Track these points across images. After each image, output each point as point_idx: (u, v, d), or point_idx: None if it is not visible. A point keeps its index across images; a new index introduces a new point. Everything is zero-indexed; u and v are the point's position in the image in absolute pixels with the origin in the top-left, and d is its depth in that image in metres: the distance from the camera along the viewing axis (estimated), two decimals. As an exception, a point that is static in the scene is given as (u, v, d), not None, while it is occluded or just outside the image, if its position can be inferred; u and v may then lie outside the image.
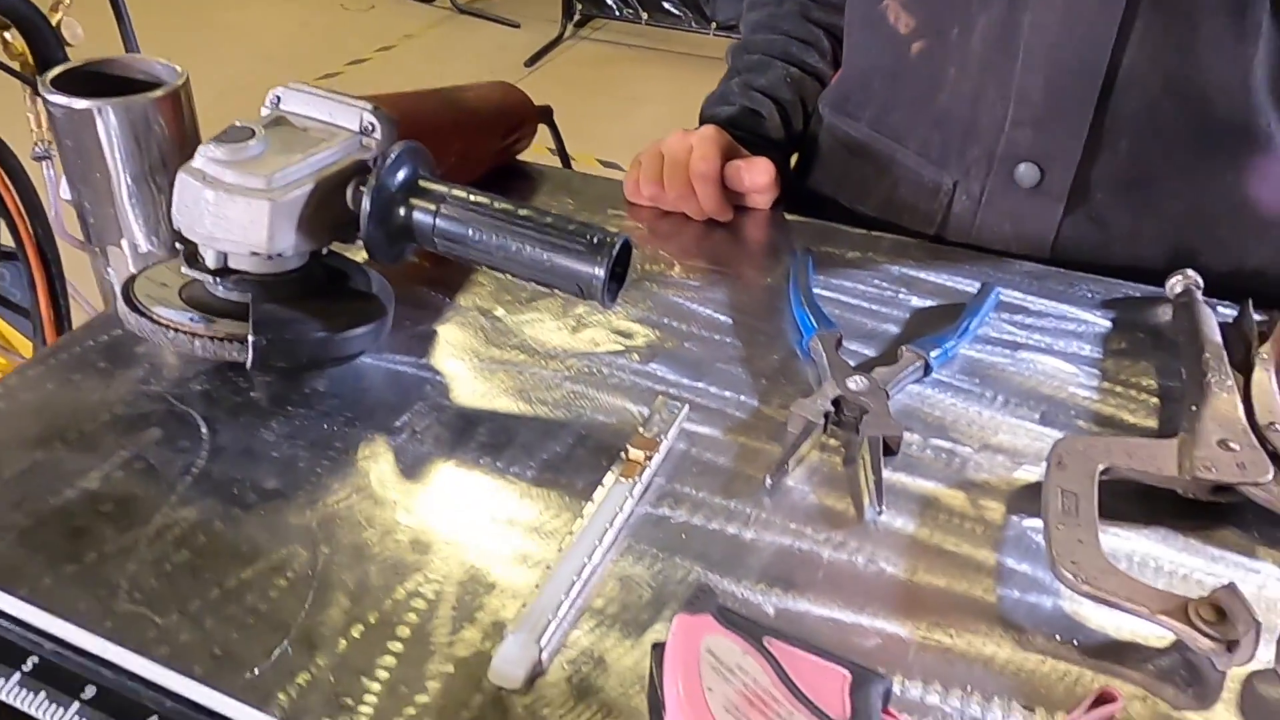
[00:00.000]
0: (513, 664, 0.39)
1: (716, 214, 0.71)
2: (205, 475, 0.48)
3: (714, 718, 0.33)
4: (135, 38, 1.31)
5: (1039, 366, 0.58)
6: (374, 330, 0.54)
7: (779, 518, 0.47)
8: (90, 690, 0.38)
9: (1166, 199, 0.71)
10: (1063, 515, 0.45)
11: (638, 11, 3.77)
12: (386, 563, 0.44)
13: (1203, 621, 0.40)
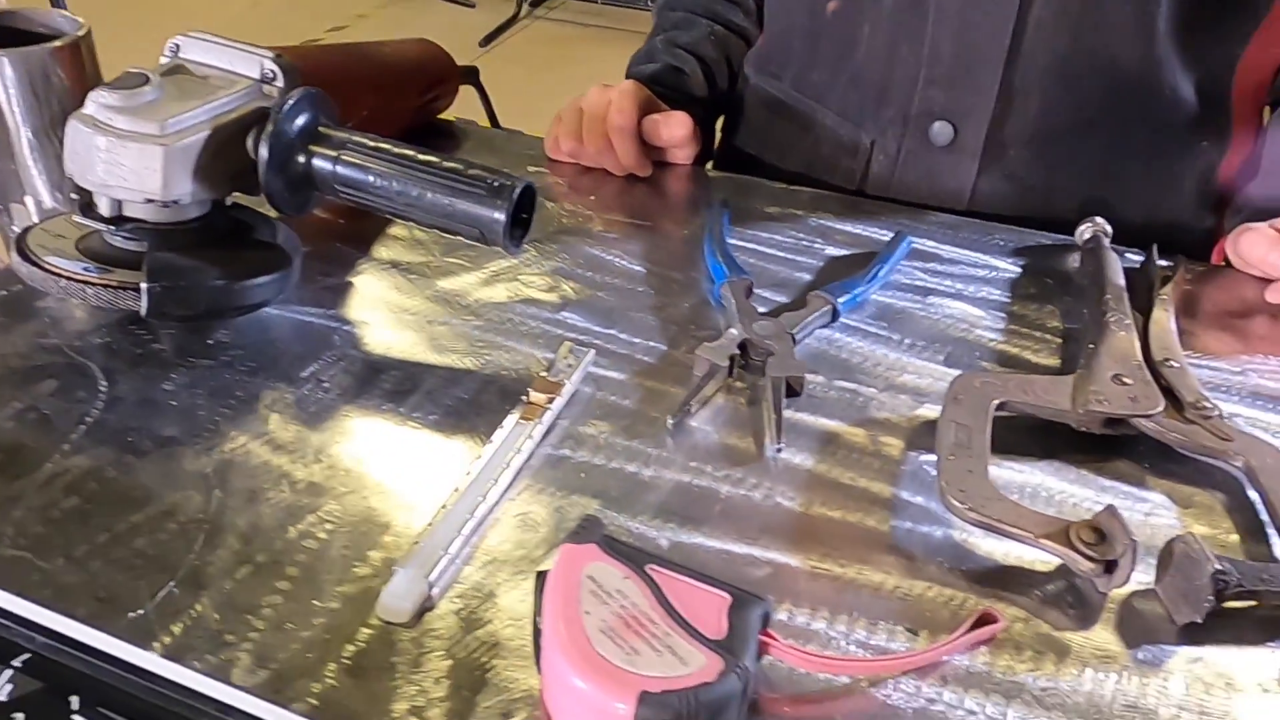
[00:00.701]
0: (400, 599, 0.39)
1: (635, 168, 0.71)
2: (100, 424, 0.47)
3: (588, 638, 0.33)
4: (65, 4, 1.28)
5: (947, 310, 0.59)
6: (277, 280, 0.53)
7: (680, 456, 0.47)
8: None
9: (1078, 154, 0.72)
10: (955, 448, 0.46)
11: (595, -11, 3.74)
12: (280, 506, 0.43)
13: (1082, 544, 0.41)
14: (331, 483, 0.45)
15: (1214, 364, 0.56)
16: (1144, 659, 0.39)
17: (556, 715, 0.35)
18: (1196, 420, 0.49)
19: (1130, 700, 0.37)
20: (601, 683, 0.32)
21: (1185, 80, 0.70)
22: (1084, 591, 0.42)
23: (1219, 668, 0.39)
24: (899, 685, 0.37)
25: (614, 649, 0.33)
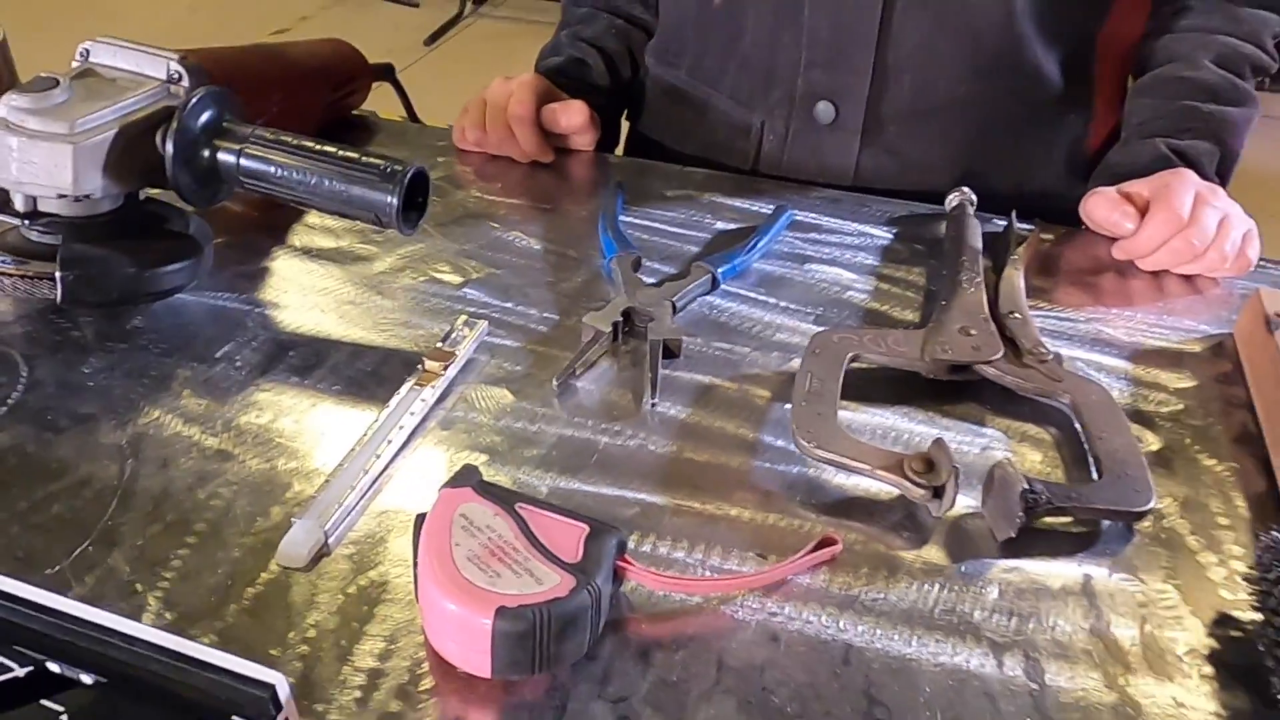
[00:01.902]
0: (297, 546, 0.43)
1: (536, 155, 0.75)
2: (20, 405, 0.51)
3: (455, 567, 0.38)
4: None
5: (821, 275, 0.64)
6: (188, 267, 0.57)
7: (564, 414, 0.52)
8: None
9: (951, 128, 0.77)
10: (808, 395, 0.50)
11: (538, -13, 3.77)
12: (190, 472, 0.47)
13: (914, 473, 0.46)
14: (238, 450, 0.49)
15: (1062, 314, 0.61)
16: (966, 571, 0.44)
17: (433, 636, 0.39)
18: (1032, 365, 0.54)
19: (950, 605, 0.42)
20: (465, 602, 0.36)
21: (1048, 56, 0.75)
22: (918, 517, 0.46)
23: (1031, 575, 0.44)
24: (745, 603, 0.42)
25: (478, 573, 0.37)
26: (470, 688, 0.38)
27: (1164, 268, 0.65)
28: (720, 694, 0.38)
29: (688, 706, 0.38)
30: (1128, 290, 0.65)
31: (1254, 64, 0.75)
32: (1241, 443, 0.52)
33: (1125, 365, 0.57)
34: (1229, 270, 0.64)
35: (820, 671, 0.39)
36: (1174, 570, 0.44)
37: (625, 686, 0.38)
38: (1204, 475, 0.50)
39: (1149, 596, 0.43)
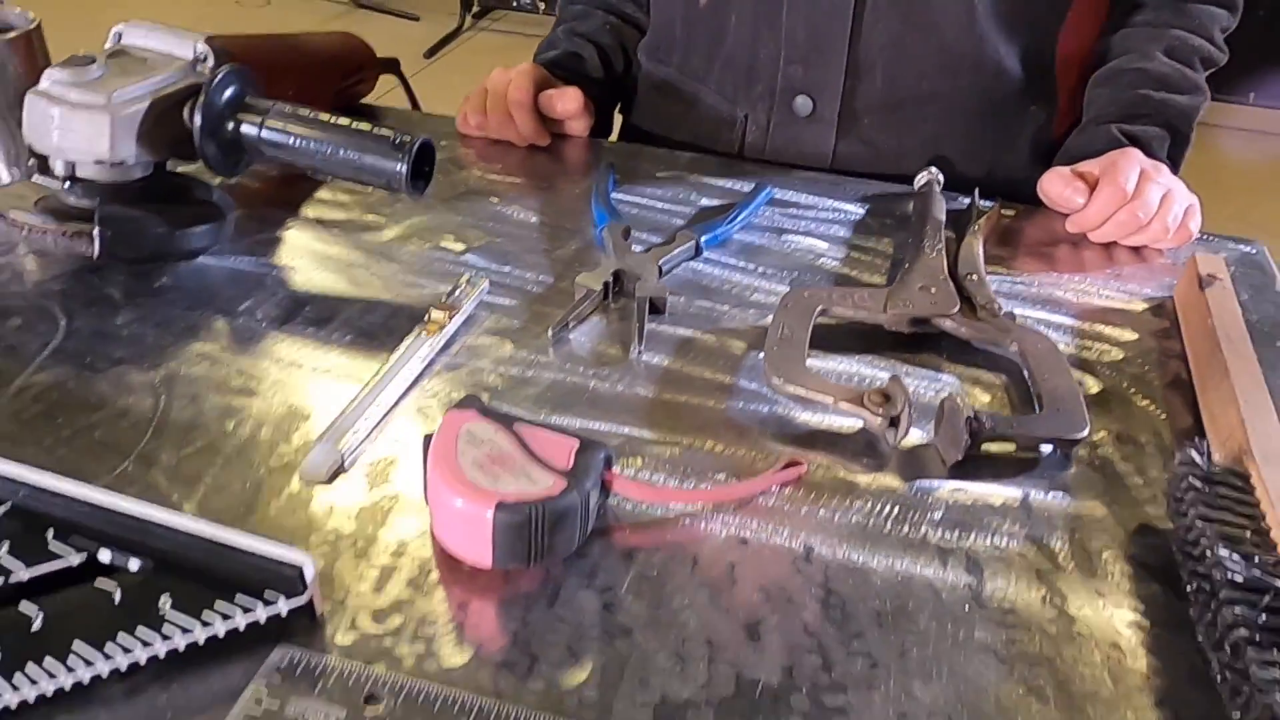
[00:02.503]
0: (317, 465, 0.48)
1: (534, 138, 0.80)
2: (60, 350, 0.55)
3: (461, 469, 0.42)
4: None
5: (797, 245, 0.69)
6: (212, 230, 0.62)
7: (558, 361, 0.57)
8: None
9: (921, 120, 0.82)
10: (779, 342, 0.55)
11: (535, 1, 3.84)
12: (217, 406, 0.52)
13: (872, 404, 0.51)
14: (261, 388, 0.53)
15: (1017, 279, 0.67)
16: (916, 491, 0.49)
17: (440, 533, 0.44)
18: (985, 319, 0.59)
19: (901, 520, 0.47)
20: (470, 498, 0.41)
21: (1009, 53, 0.81)
22: (876, 446, 0.51)
23: (975, 495, 0.49)
24: (717, 517, 0.47)
25: (481, 476, 0.42)
26: (473, 578, 0.43)
27: (1112, 239, 0.70)
28: (695, 585, 0.43)
29: (665, 596, 0.42)
30: (1079, 259, 0.70)
31: (1203, 56, 0.81)
32: (1174, 388, 0.57)
33: (1072, 322, 0.63)
34: (1171, 241, 0.70)
35: (783, 568, 0.44)
36: (1104, 491, 0.49)
37: (610, 580, 0.43)
38: (1137, 414, 0.55)
39: (1080, 512, 0.48)
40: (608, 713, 0.38)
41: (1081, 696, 0.39)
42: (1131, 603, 0.43)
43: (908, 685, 0.39)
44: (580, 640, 0.40)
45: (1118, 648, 0.41)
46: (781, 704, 0.38)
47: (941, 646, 0.41)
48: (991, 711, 0.39)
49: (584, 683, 0.39)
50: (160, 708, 0.37)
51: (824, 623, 0.42)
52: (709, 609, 0.42)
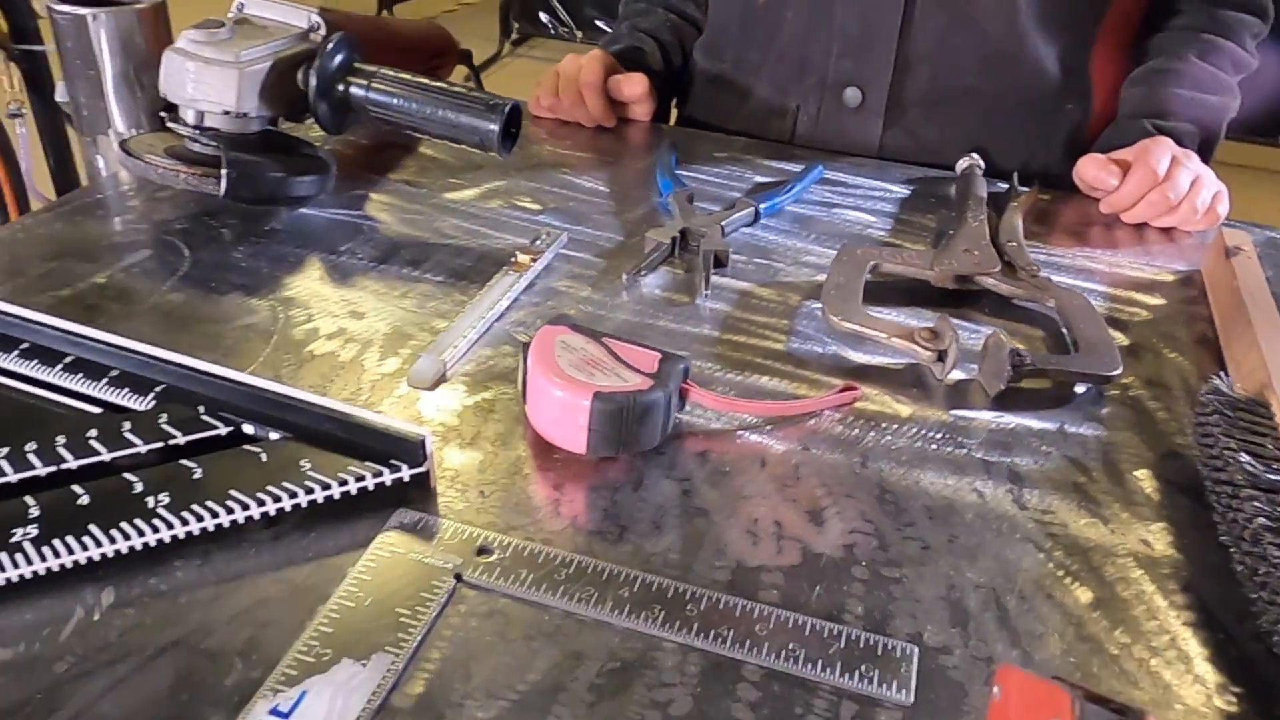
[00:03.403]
0: (423, 373, 0.53)
1: (601, 119, 0.86)
2: (187, 277, 0.61)
3: (559, 366, 0.48)
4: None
5: (846, 217, 0.75)
6: (319, 180, 0.68)
7: (630, 304, 0.62)
8: (114, 371, 0.50)
9: (963, 114, 0.88)
10: (836, 288, 0.61)
11: (572, 30, 3.94)
12: (330, 324, 0.58)
13: (922, 340, 0.56)
14: (367, 312, 0.59)
15: (1051, 252, 0.72)
16: (959, 418, 0.54)
17: (539, 424, 0.49)
18: (1024, 278, 0.64)
19: (947, 443, 0.52)
20: (570, 389, 0.46)
21: (1049, 53, 0.86)
22: (925, 380, 0.56)
23: (1014, 423, 0.54)
24: (780, 432, 0.52)
25: (577, 373, 0.47)
26: (567, 466, 0.48)
27: (1143, 220, 0.75)
28: (763, 480, 0.48)
29: (737, 487, 0.47)
30: (1112, 238, 0.75)
31: (1234, 60, 0.86)
32: (1200, 344, 0.62)
33: (1105, 289, 0.68)
34: (1199, 224, 0.75)
35: (841, 471, 0.49)
36: (1134, 424, 0.54)
37: (687, 472, 0.48)
38: (1166, 363, 0.60)
39: (1112, 439, 0.53)
40: (689, 572, 0.43)
41: (1112, 580, 0.44)
42: (1159, 510, 0.48)
43: (956, 565, 0.44)
44: (663, 517, 0.45)
45: (1146, 544, 0.46)
46: (844, 573, 0.43)
47: (985, 536, 0.46)
48: (1030, 589, 0.43)
49: (667, 549, 0.44)
50: (302, 549, 0.42)
51: (880, 514, 0.47)
52: (776, 498, 0.47)
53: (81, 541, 0.40)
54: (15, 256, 0.62)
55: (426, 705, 0.36)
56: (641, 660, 0.39)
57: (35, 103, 1.27)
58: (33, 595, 0.39)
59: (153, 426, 0.46)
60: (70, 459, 0.44)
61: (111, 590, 0.40)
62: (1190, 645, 0.41)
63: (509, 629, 0.40)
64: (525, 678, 0.38)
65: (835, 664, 0.39)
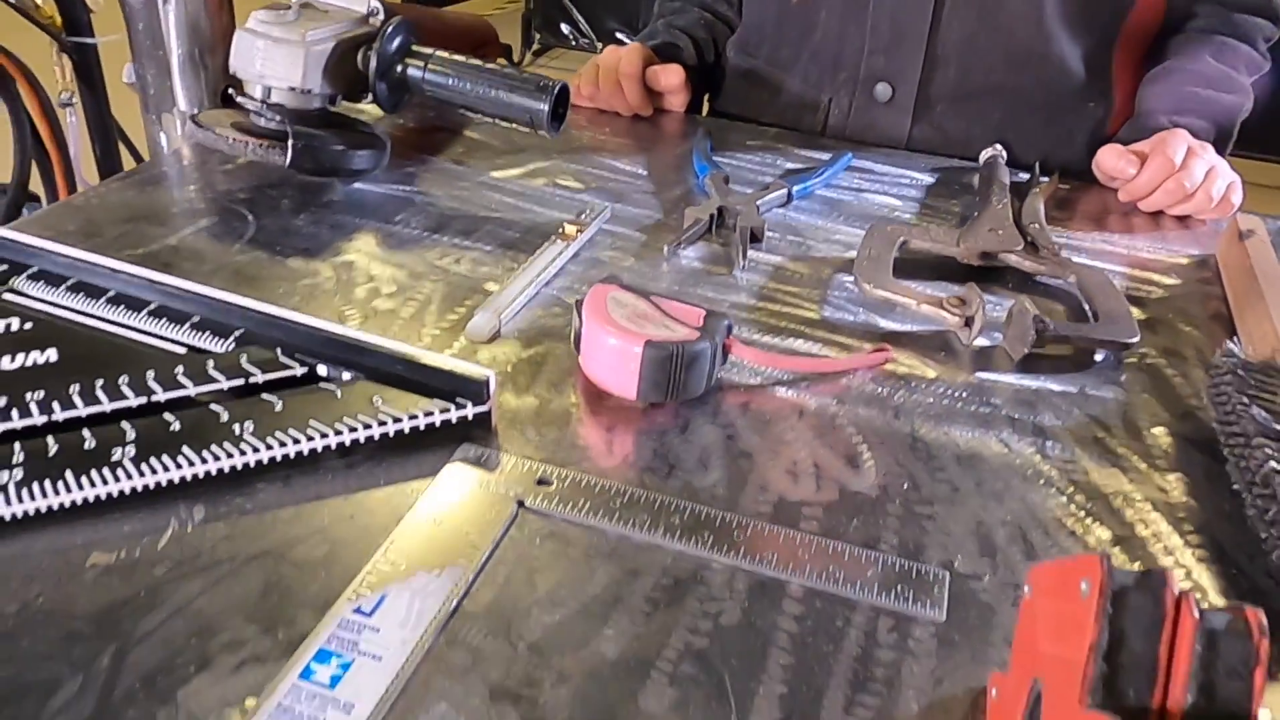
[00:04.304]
0: (480, 327, 0.57)
1: (639, 108, 0.90)
2: (253, 240, 0.65)
3: (612, 317, 0.51)
4: None
5: (874, 201, 0.78)
6: (375, 154, 0.72)
7: (671, 274, 0.66)
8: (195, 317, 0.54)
9: (989, 110, 0.91)
10: (868, 259, 0.64)
11: (593, 41, 4.00)
12: (391, 282, 0.61)
13: (950, 306, 0.59)
14: (424, 273, 0.63)
15: (1072, 236, 0.75)
16: (984, 379, 0.57)
17: (592, 371, 0.52)
18: (1047, 257, 0.67)
19: (971, 399, 0.55)
20: (623, 337, 0.50)
21: (1073, 52, 0.90)
22: (952, 345, 0.59)
23: (1035, 385, 0.56)
24: (817, 388, 0.55)
25: (630, 324, 0.51)
26: (618, 412, 0.51)
27: (1159, 208, 0.78)
28: (802, 427, 0.51)
29: (778, 433, 0.51)
30: (1130, 224, 0.78)
31: (1248, 61, 0.89)
32: (1214, 320, 0.65)
33: (1123, 269, 0.71)
34: (1214, 213, 0.77)
35: (876, 419, 0.52)
36: (1151, 388, 0.57)
37: (731, 419, 0.51)
38: (1182, 336, 0.62)
39: (1130, 400, 0.56)
40: (734, 506, 0.46)
41: (1132, 521, 0.47)
42: (1175, 463, 0.51)
43: (983, 504, 0.47)
44: (709, 457, 0.49)
45: (1163, 491, 0.49)
46: (879, 509, 0.46)
47: (1011, 480, 0.49)
48: (1053, 526, 0.46)
49: (713, 484, 0.47)
50: (374, 477, 0.45)
51: (912, 459, 0.50)
52: (815, 443, 0.50)
53: (176, 461, 0.43)
54: (90, 220, 0.66)
55: (496, 611, 0.39)
56: (693, 578, 0.42)
57: (84, 92, 1.31)
58: (131, 509, 0.43)
59: (234, 365, 0.49)
60: (160, 391, 0.47)
61: (202, 507, 0.43)
62: (1204, 578, 0.44)
63: (569, 549, 0.43)
64: (586, 590, 0.41)
65: (872, 585, 0.42)
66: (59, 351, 0.50)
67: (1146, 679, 0.24)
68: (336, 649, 0.37)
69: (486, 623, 0.39)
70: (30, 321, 0.52)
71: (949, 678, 0.38)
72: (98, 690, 0.35)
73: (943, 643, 0.40)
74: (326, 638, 0.38)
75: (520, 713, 0.35)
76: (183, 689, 0.35)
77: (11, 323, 0.52)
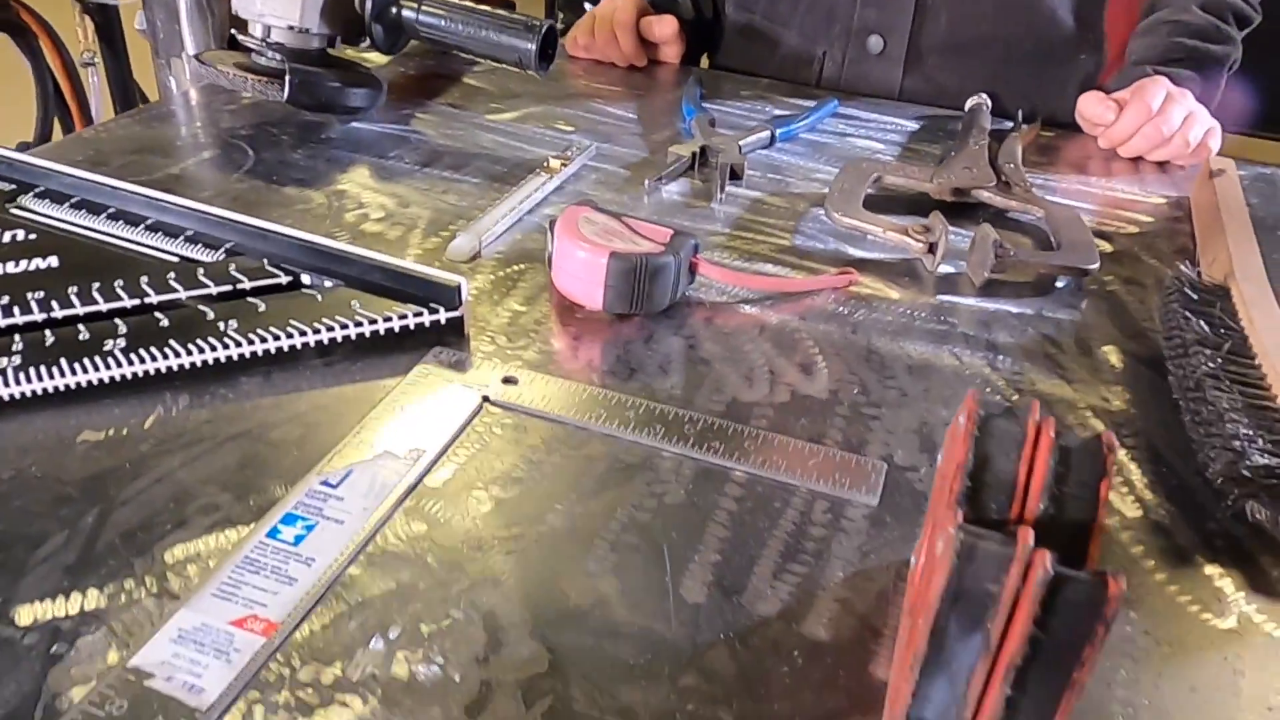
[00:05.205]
0: (460, 248, 0.59)
1: (633, 58, 0.92)
2: (251, 171, 0.68)
3: (581, 232, 0.53)
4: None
5: (857, 144, 0.80)
6: (372, 93, 0.74)
7: (651, 206, 0.68)
8: (189, 231, 0.57)
9: (979, 62, 0.93)
10: (840, 193, 0.66)
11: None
12: (380, 209, 0.64)
13: (915, 233, 0.60)
14: (413, 199, 0.65)
15: (1049, 178, 0.76)
16: (946, 302, 0.59)
17: (562, 283, 0.55)
18: (1019, 194, 0.69)
19: (931, 318, 0.57)
20: (590, 250, 0.52)
21: (1063, 4, 0.91)
22: (917, 272, 0.61)
23: (994, 307, 0.58)
24: (781, 307, 0.57)
25: (598, 238, 0.53)
26: (586, 322, 0.54)
27: (1138, 153, 0.80)
28: (762, 340, 0.53)
29: (738, 344, 0.53)
30: (1110, 169, 0.79)
31: (1236, 12, 0.90)
32: (1180, 253, 0.66)
33: (1097, 208, 0.72)
34: (1192, 158, 0.79)
35: (835, 333, 0.54)
36: (1109, 313, 0.59)
37: (694, 332, 0.54)
38: (1145, 267, 0.64)
39: (1085, 322, 0.57)
40: (690, 404, 0.48)
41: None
42: (1120, 377, 0.53)
43: (929, 408, 0.49)
44: (670, 364, 0.51)
45: (1105, 400, 0.51)
46: (828, 411, 0.48)
47: (959, 388, 0.51)
48: (996, 430, 0.48)
49: (671, 386, 0.49)
50: (350, 374, 0.48)
51: (865, 368, 0.52)
52: (772, 353, 0.52)
53: (163, 352, 0.46)
54: (98, 150, 0.69)
55: (453, 487, 0.42)
56: (643, 464, 0.44)
57: (105, 53, 1.35)
58: (120, 395, 0.46)
59: (223, 272, 0.52)
60: (152, 295, 0.50)
61: (187, 396, 0.46)
62: (1134, 475, 0.46)
63: (527, 437, 0.45)
64: (540, 471, 0.43)
65: (812, 473, 0.44)
66: (59, 259, 0.53)
67: (1007, 493, 0.26)
68: (302, 513, 0.40)
69: (444, 496, 0.42)
70: (34, 233, 0.55)
71: (876, 552, 0.41)
72: (81, 543, 0.38)
73: (874, 524, 0.42)
74: (294, 504, 0.40)
75: (469, 572, 0.38)
76: (159, 544, 0.38)
77: (17, 234, 0.55)
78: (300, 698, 0.33)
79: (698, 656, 0.35)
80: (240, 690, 0.33)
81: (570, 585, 0.38)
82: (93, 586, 0.36)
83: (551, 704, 0.33)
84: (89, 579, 0.37)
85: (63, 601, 0.36)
